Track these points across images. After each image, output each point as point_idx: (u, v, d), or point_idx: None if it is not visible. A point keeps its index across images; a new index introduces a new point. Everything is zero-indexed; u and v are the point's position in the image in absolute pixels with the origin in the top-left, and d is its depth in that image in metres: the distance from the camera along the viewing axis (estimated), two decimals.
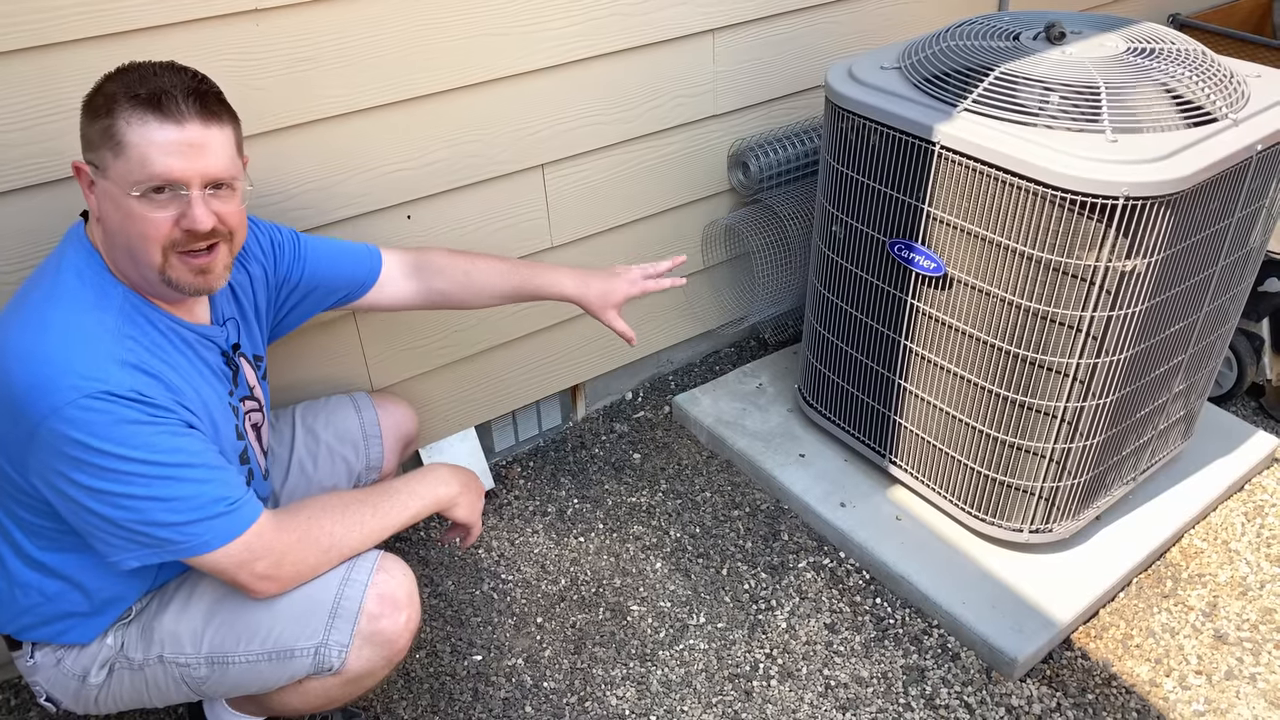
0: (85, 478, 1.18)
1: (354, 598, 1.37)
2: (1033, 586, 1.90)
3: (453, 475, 1.53)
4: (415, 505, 1.46)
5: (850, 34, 2.36)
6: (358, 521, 1.40)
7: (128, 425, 1.19)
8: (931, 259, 1.78)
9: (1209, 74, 1.69)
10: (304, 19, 1.63)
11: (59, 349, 1.18)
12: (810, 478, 2.20)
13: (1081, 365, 1.68)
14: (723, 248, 2.48)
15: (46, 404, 1.16)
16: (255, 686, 1.40)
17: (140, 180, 1.19)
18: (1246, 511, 2.14)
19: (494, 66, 1.87)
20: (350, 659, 1.37)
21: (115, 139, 1.18)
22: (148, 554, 1.25)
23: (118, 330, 1.24)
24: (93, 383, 1.17)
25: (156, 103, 1.18)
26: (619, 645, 1.93)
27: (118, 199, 1.21)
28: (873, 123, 1.78)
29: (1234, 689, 1.79)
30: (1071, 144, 1.56)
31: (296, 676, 1.39)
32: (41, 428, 1.16)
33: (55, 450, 1.17)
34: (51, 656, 1.39)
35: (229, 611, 1.38)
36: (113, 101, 1.19)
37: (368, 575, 1.39)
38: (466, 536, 1.59)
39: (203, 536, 1.25)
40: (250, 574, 1.30)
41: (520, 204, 2.07)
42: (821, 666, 1.86)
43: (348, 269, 1.64)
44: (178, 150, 1.20)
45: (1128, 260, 1.57)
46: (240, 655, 1.37)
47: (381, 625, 1.38)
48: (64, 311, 1.22)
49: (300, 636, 1.36)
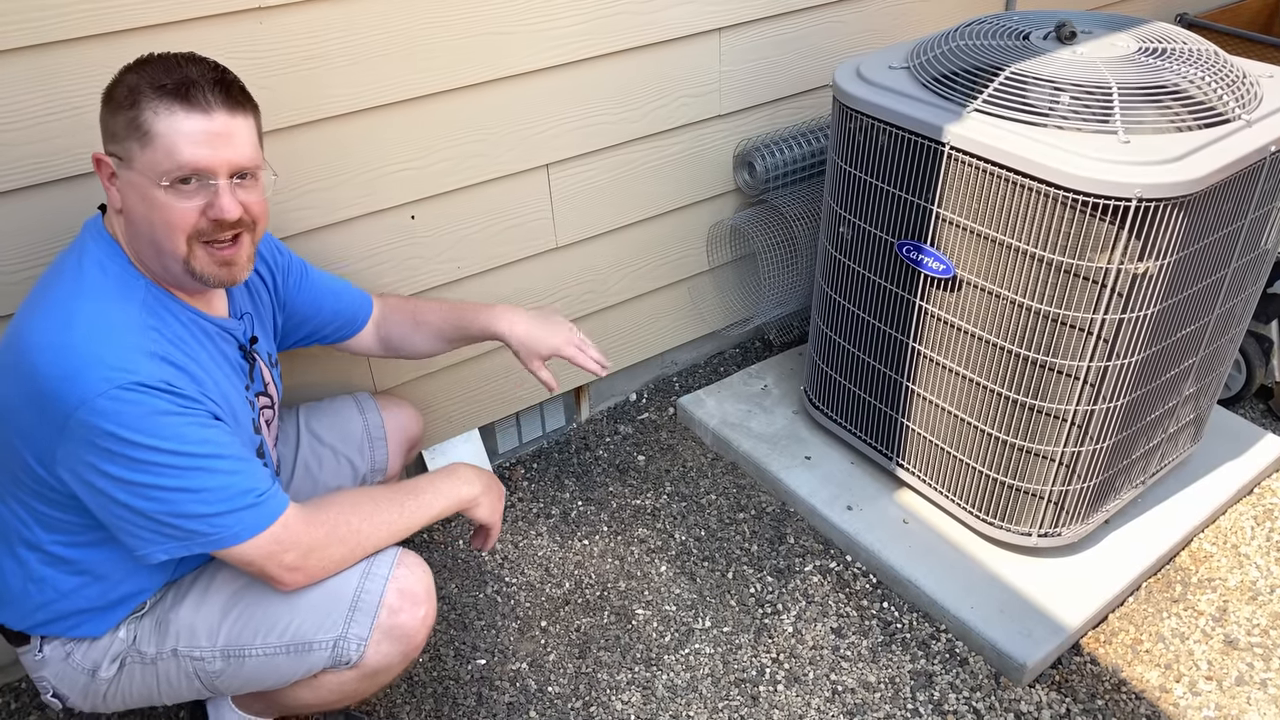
0: (116, 469, 1.18)
1: (374, 591, 1.37)
2: (1041, 591, 1.89)
3: (475, 475, 1.54)
4: (439, 504, 1.47)
5: (857, 33, 2.35)
6: (384, 519, 1.40)
7: (159, 416, 1.18)
8: (940, 260, 1.76)
9: (1221, 74, 1.67)
10: (308, 17, 1.62)
11: (86, 341, 1.18)
12: (816, 480, 2.18)
13: (1092, 368, 1.67)
14: (728, 248, 2.47)
15: (77, 395, 1.15)
16: (270, 681, 1.39)
17: (168, 170, 1.19)
18: (1256, 515, 2.13)
19: (499, 65, 1.85)
20: (369, 652, 1.37)
21: (142, 129, 1.18)
22: (176, 546, 1.24)
23: (142, 322, 1.24)
24: (124, 374, 1.17)
25: (184, 93, 1.19)
26: (624, 649, 1.91)
27: (144, 189, 1.21)
28: (881, 123, 1.76)
29: (1245, 695, 1.77)
30: (1083, 145, 1.54)
31: (313, 670, 1.38)
32: (72, 419, 1.16)
33: (86, 442, 1.17)
34: (61, 650, 1.38)
35: (247, 604, 1.37)
36: (137, 93, 1.19)
37: (388, 570, 1.39)
38: (488, 538, 1.59)
39: (233, 528, 1.24)
40: (279, 565, 1.30)
41: (524, 204, 2.05)
42: (828, 671, 1.85)
43: (336, 311, 1.69)
44: (205, 140, 1.20)
45: (1140, 262, 1.55)
46: (258, 648, 1.36)
47: (401, 619, 1.38)
48: (89, 303, 1.22)
49: (319, 629, 1.36)
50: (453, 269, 2.02)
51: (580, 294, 2.26)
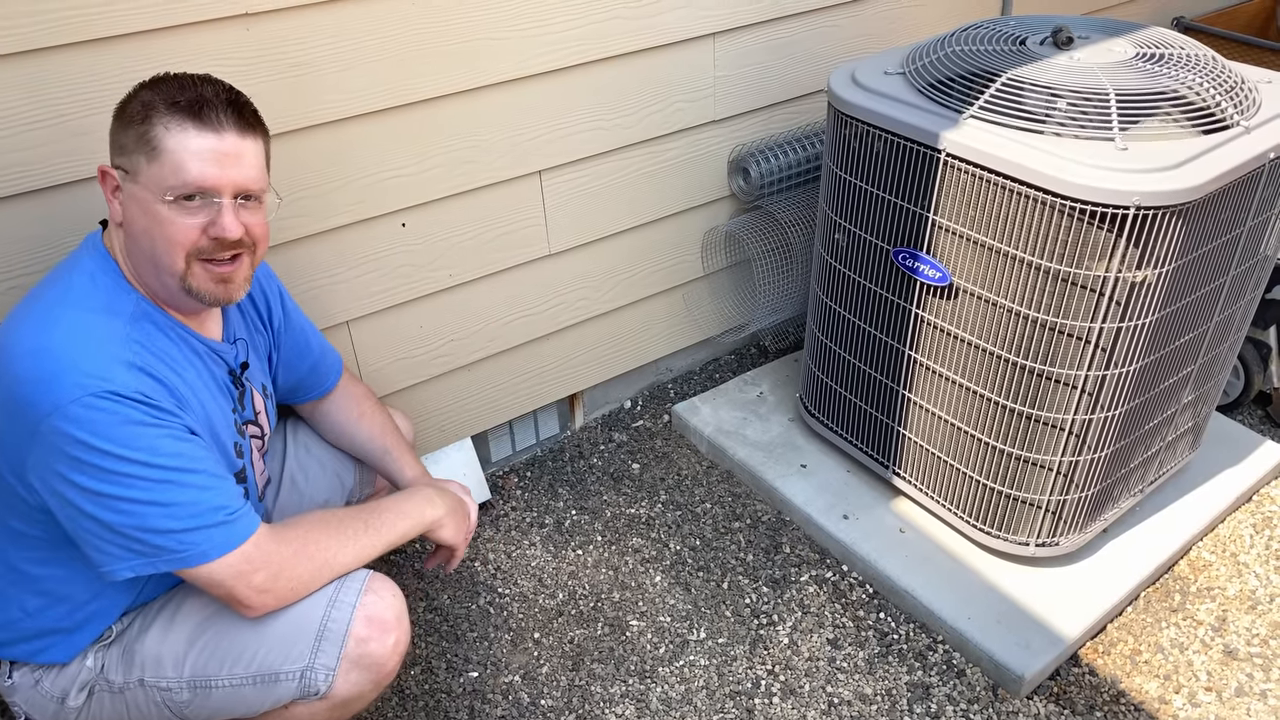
0: (84, 479, 1.16)
1: (341, 620, 1.34)
2: (1039, 601, 1.87)
3: (440, 496, 1.53)
4: (403, 525, 1.45)
5: (852, 38, 2.33)
6: (351, 539, 1.38)
7: (131, 426, 1.17)
8: (937, 268, 1.75)
9: (1220, 80, 1.66)
10: (296, 23, 1.60)
11: (64, 346, 1.18)
12: (812, 489, 2.17)
13: (1090, 377, 1.65)
14: (723, 254, 2.45)
15: (50, 401, 1.14)
16: (239, 711, 1.37)
17: (174, 186, 1.20)
18: (1255, 523, 2.11)
19: (491, 71, 1.83)
20: (337, 683, 1.34)
21: (152, 144, 1.19)
22: (142, 563, 1.21)
23: (125, 334, 1.23)
24: (99, 381, 1.16)
25: (196, 111, 1.20)
26: (618, 661, 1.89)
27: (147, 204, 1.22)
28: (876, 129, 1.75)
29: (1244, 706, 1.75)
30: (1080, 152, 1.53)
31: (282, 701, 1.35)
32: (43, 425, 1.14)
33: (55, 449, 1.15)
34: (30, 677, 1.36)
35: (213, 634, 1.34)
36: (150, 108, 1.20)
37: (356, 596, 1.36)
38: (451, 560, 1.58)
39: (200, 546, 1.22)
40: (248, 586, 1.27)
41: (518, 211, 2.03)
42: (824, 683, 1.83)
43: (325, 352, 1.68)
44: (214, 159, 1.21)
45: (1138, 271, 1.54)
46: (224, 679, 1.33)
47: (370, 648, 1.35)
48: (73, 311, 1.22)
49: (286, 660, 1.32)
50: (445, 276, 2.00)
51: (574, 301, 2.24)
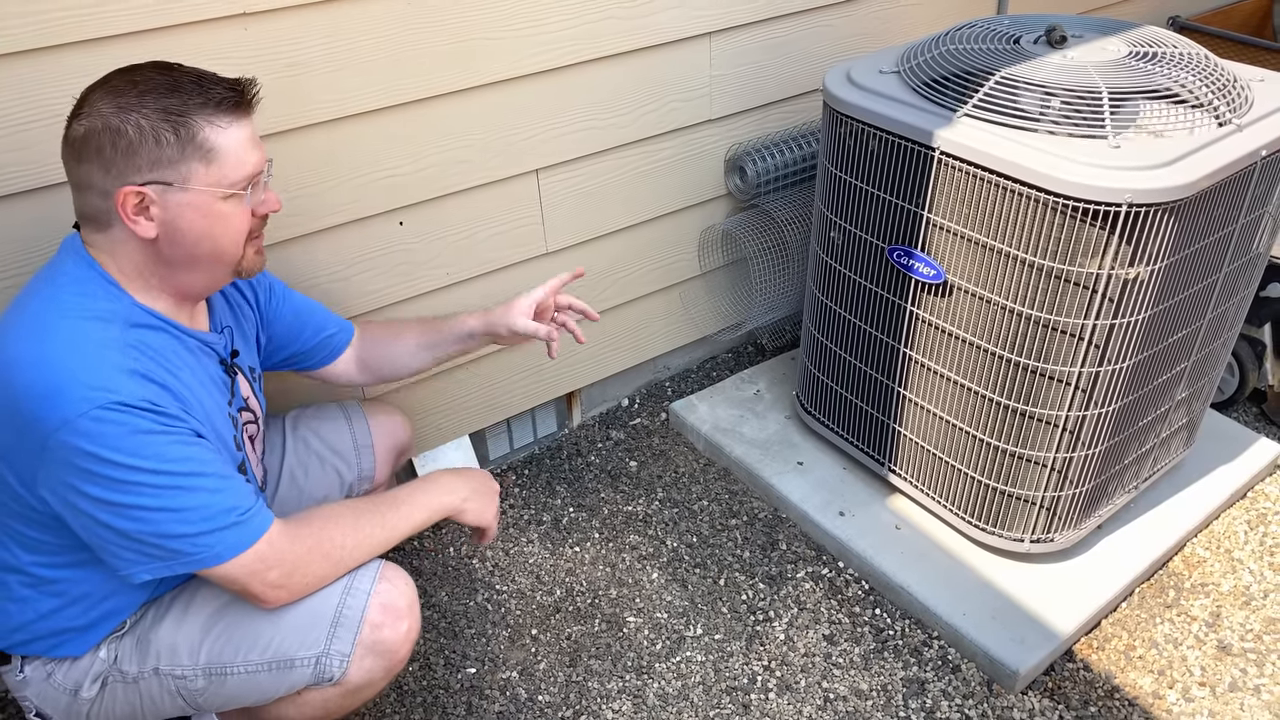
0: (97, 490, 1.16)
1: (357, 607, 1.35)
2: (1034, 597, 1.88)
3: (458, 481, 1.53)
4: (419, 515, 1.46)
5: (847, 37, 2.34)
6: (366, 532, 1.39)
7: (141, 435, 1.17)
8: (931, 266, 1.75)
9: (1212, 78, 1.66)
10: (293, 23, 1.60)
11: (63, 357, 1.17)
12: (809, 486, 2.17)
13: (1084, 374, 1.66)
14: (720, 253, 2.46)
15: (57, 416, 1.14)
16: (253, 698, 1.38)
17: (238, 180, 1.25)
18: (1249, 519, 2.12)
19: (487, 71, 1.84)
20: (351, 669, 1.36)
21: (205, 147, 1.21)
22: (160, 566, 1.23)
23: (122, 340, 1.22)
24: (105, 393, 1.15)
25: (228, 105, 1.23)
26: (615, 657, 1.90)
27: (206, 206, 1.23)
28: (871, 127, 1.76)
29: (1238, 701, 1.76)
30: (1074, 150, 1.53)
31: (296, 687, 1.36)
32: (52, 440, 1.14)
33: (66, 463, 1.15)
34: (42, 670, 1.37)
35: (228, 622, 1.36)
36: (184, 115, 1.20)
37: (370, 584, 1.37)
38: (483, 537, 1.59)
39: (214, 548, 1.23)
40: (263, 583, 1.28)
41: (514, 210, 2.04)
42: (820, 679, 1.84)
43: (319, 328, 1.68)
44: (254, 143, 1.27)
45: (1131, 268, 1.55)
46: (239, 666, 1.35)
47: (384, 634, 1.37)
48: (67, 320, 1.21)
49: (301, 646, 1.34)
50: (442, 275, 2.01)
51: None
